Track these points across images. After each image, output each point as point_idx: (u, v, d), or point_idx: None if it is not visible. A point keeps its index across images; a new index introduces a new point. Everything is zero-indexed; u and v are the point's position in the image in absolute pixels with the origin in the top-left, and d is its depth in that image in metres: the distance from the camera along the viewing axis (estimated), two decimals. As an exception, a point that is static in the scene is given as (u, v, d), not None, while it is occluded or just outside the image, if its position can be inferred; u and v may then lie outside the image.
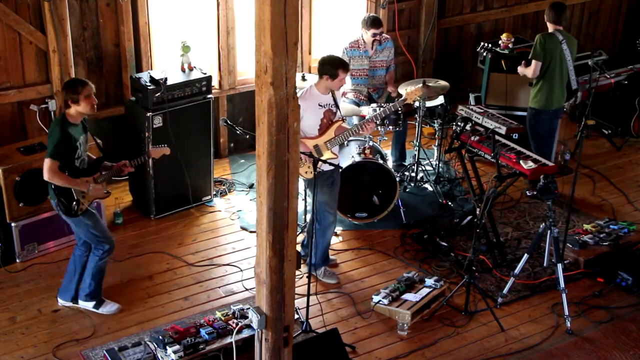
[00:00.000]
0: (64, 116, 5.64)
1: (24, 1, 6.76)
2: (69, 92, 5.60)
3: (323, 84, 6.16)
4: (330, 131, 6.22)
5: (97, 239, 5.84)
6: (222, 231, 7.19)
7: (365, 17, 7.78)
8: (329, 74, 6.10)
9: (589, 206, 7.75)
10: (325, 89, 6.18)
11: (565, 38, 7.42)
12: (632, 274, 6.51)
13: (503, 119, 6.94)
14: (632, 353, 5.87)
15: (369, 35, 7.66)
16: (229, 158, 8.34)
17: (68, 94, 5.60)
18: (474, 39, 9.48)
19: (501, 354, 5.83)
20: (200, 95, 7.13)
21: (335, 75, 6.10)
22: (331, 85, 6.15)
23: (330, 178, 6.31)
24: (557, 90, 7.48)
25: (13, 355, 5.65)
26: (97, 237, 5.84)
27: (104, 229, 5.95)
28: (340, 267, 6.74)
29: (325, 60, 6.20)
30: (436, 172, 7.93)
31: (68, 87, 5.64)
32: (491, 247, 6.78)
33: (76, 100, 5.58)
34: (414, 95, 6.56)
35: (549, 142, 7.73)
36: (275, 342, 4.56)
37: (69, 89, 5.62)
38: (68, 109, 5.63)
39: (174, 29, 7.66)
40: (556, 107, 7.54)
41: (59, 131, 5.57)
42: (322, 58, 6.27)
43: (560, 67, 7.42)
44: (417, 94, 6.57)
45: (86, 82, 5.67)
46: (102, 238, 5.86)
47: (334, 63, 6.13)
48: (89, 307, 6.03)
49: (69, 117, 5.65)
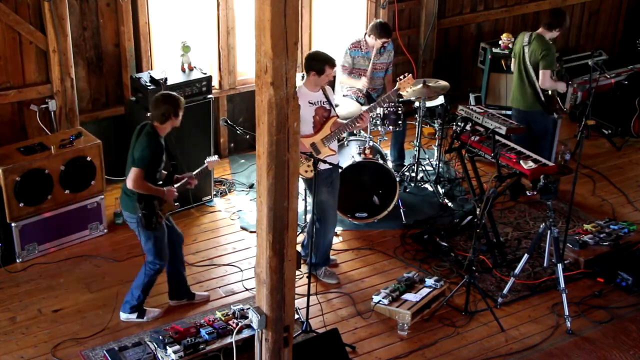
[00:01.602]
0: (155, 128, 5.60)
1: (24, 1, 6.76)
2: (173, 106, 5.58)
3: (311, 81, 6.14)
4: (326, 128, 6.22)
5: (158, 253, 5.78)
6: (222, 231, 7.19)
7: (377, 24, 7.64)
8: (315, 70, 6.08)
9: (589, 206, 7.75)
10: (314, 85, 6.16)
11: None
12: (632, 274, 6.51)
13: (503, 119, 6.94)
14: (632, 353, 5.87)
15: (379, 42, 7.62)
16: (229, 158, 8.34)
17: (172, 109, 5.57)
18: (474, 39, 9.48)
19: (501, 354, 5.83)
20: (201, 95, 7.13)
21: (322, 71, 6.07)
22: (318, 81, 6.13)
23: (329, 177, 6.30)
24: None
25: (13, 355, 5.65)
26: (159, 252, 5.78)
27: (166, 245, 5.87)
28: (341, 267, 6.74)
29: (312, 56, 6.19)
30: (436, 172, 7.93)
31: (173, 103, 5.59)
32: (491, 247, 6.78)
33: (178, 114, 5.61)
34: (406, 84, 6.55)
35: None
36: (275, 342, 4.56)
37: (173, 104, 5.58)
38: (164, 123, 5.60)
39: (174, 29, 7.66)
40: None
41: (155, 142, 5.56)
42: (309, 54, 6.28)
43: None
44: (409, 83, 6.55)
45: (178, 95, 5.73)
46: (163, 254, 5.80)
47: (320, 59, 6.11)
48: (133, 318, 5.96)
49: (160, 130, 5.62)
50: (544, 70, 7.25)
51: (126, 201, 5.72)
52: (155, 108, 5.61)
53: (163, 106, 5.59)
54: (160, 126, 5.63)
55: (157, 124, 5.62)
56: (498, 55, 8.43)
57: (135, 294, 5.91)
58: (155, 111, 5.60)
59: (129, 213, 5.74)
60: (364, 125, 6.51)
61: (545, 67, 7.25)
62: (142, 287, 5.89)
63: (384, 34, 7.60)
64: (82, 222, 6.87)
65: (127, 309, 5.96)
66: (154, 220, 5.66)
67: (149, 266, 5.84)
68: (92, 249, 6.84)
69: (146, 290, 5.93)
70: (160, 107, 5.59)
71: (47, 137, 6.91)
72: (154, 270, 5.85)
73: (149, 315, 5.98)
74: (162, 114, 5.58)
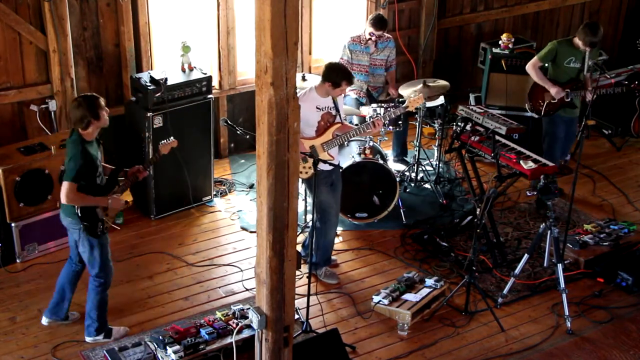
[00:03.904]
0: (80, 136, 5.32)
1: (24, 1, 6.76)
2: (89, 109, 5.27)
3: (324, 89, 6.15)
4: (328, 133, 6.22)
5: (105, 263, 5.59)
6: (222, 231, 7.19)
7: (374, 14, 7.81)
8: (332, 82, 6.08)
9: (589, 206, 7.75)
10: (325, 92, 6.18)
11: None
12: (632, 274, 6.51)
13: (503, 119, 6.93)
14: (632, 353, 5.87)
15: (366, 33, 7.67)
16: (229, 158, 8.34)
17: (89, 112, 5.26)
18: (474, 39, 9.48)
19: (501, 354, 5.83)
20: (201, 96, 7.13)
21: (338, 85, 6.09)
22: (332, 92, 6.15)
23: (328, 178, 6.30)
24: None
25: (13, 355, 5.65)
26: (105, 262, 5.59)
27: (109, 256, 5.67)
28: (341, 267, 6.74)
29: (333, 67, 6.18)
30: (436, 172, 7.93)
31: (87, 105, 5.28)
32: (491, 247, 6.78)
33: (98, 115, 5.33)
34: (415, 103, 6.58)
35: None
36: (276, 342, 4.56)
37: (88, 107, 5.27)
38: (87, 129, 5.30)
39: (174, 29, 7.66)
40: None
41: (80, 155, 5.27)
42: (331, 64, 6.25)
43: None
44: (419, 103, 6.59)
45: (95, 95, 5.46)
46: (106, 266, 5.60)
47: (341, 74, 6.11)
48: (100, 339, 5.76)
49: (86, 135, 5.33)
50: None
51: (67, 207, 5.43)
52: (73, 113, 5.33)
53: (79, 111, 5.28)
54: (84, 132, 5.33)
55: (81, 130, 5.32)
56: (498, 55, 8.43)
57: (93, 316, 5.67)
58: (73, 116, 5.32)
59: (70, 219, 5.46)
60: (375, 132, 6.52)
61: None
62: (97, 307, 5.66)
63: (373, 24, 7.64)
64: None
65: (92, 332, 5.73)
66: (99, 227, 5.46)
67: (97, 281, 5.60)
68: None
69: (103, 308, 5.70)
70: (77, 112, 5.28)
71: (47, 137, 6.91)
72: (102, 286, 5.63)
73: (116, 335, 5.78)
74: (80, 119, 5.28)
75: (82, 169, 5.29)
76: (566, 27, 10.15)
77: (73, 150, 5.34)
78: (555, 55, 7.34)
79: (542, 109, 7.42)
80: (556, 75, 7.40)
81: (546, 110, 7.43)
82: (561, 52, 7.32)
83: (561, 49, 7.33)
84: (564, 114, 7.42)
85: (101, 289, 5.65)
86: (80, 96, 5.50)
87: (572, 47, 7.30)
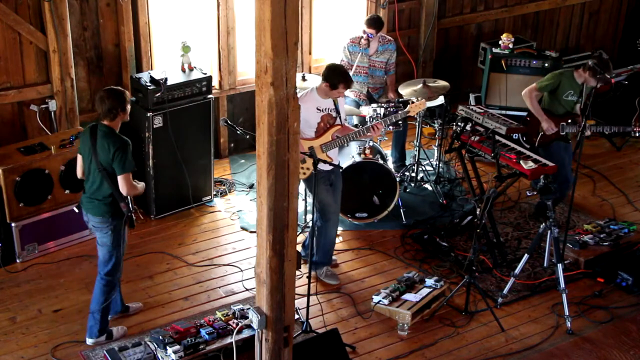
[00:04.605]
0: (110, 127, 5.37)
1: (24, 1, 6.76)
2: (119, 101, 5.33)
3: (323, 90, 6.15)
4: (327, 135, 6.21)
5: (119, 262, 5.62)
6: (222, 231, 7.19)
7: (372, 14, 7.86)
8: (330, 83, 6.07)
9: (589, 206, 7.75)
10: (324, 94, 6.17)
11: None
12: (632, 274, 6.51)
13: (503, 119, 6.94)
14: (632, 353, 5.87)
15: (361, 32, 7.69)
16: (229, 158, 8.34)
17: (118, 104, 5.32)
18: (474, 39, 9.48)
19: (501, 354, 5.83)
20: (201, 96, 7.13)
21: (335, 87, 6.07)
22: (330, 94, 6.14)
23: (327, 179, 6.29)
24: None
25: (13, 355, 5.65)
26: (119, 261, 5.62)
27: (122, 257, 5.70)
28: (341, 267, 6.74)
29: (332, 68, 6.17)
30: (436, 172, 7.93)
31: (117, 97, 5.34)
32: (491, 247, 6.78)
33: (125, 108, 5.39)
34: (417, 108, 6.57)
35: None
36: (276, 342, 4.56)
37: (118, 99, 5.33)
38: (114, 120, 5.36)
39: (174, 29, 7.66)
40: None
41: (124, 143, 5.33)
42: (331, 65, 6.24)
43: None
44: (421, 107, 6.58)
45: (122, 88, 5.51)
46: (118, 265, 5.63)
47: (339, 75, 6.08)
48: (102, 340, 5.75)
49: (115, 127, 5.39)
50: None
51: (97, 207, 5.48)
52: (101, 105, 5.34)
53: (109, 102, 5.32)
54: (111, 123, 5.37)
55: (108, 122, 5.37)
56: (498, 55, 8.44)
57: (97, 317, 5.66)
58: (102, 108, 5.34)
59: (101, 218, 5.49)
60: (375, 135, 6.51)
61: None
62: (102, 308, 5.66)
63: (367, 22, 7.66)
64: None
65: (94, 333, 5.70)
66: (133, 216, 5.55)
67: (105, 279, 5.61)
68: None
69: (107, 310, 5.71)
70: (106, 103, 5.32)
71: (47, 137, 6.91)
72: (109, 286, 5.63)
73: (117, 336, 5.78)
74: (109, 111, 5.33)
75: (131, 157, 5.38)
76: (566, 27, 10.16)
77: (117, 141, 5.35)
78: (557, 86, 7.15)
79: (537, 140, 7.23)
80: (551, 107, 7.23)
81: (540, 142, 7.23)
82: (563, 84, 7.13)
83: (564, 81, 7.14)
84: (560, 141, 7.25)
85: (108, 289, 5.65)
86: (108, 88, 5.51)
87: (573, 80, 7.13)
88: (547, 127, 7.11)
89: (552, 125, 7.11)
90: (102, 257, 5.64)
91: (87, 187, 5.57)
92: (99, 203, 5.48)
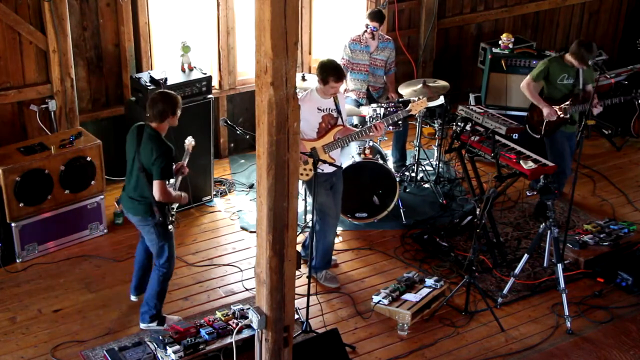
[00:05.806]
0: (156, 130, 5.42)
1: (24, 1, 6.76)
2: (170, 104, 5.40)
3: (320, 88, 6.14)
4: (329, 135, 6.20)
5: (172, 256, 5.70)
6: (222, 231, 7.19)
7: (373, 8, 7.88)
8: (320, 79, 6.04)
9: (589, 206, 7.75)
10: (323, 93, 6.15)
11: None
12: (632, 274, 6.51)
13: (503, 119, 6.93)
14: (632, 353, 5.87)
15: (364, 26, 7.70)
16: (229, 158, 8.34)
17: (170, 107, 5.40)
18: (474, 39, 9.48)
19: (501, 354, 5.83)
20: (200, 96, 7.13)
21: (326, 82, 6.02)
22: (324, 90, 6.10)
23: (328, 181, 6.28)
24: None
25: (13, 355, 5.65)
26: (172, 255, 5.70)
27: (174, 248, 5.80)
28: (341, 267, 6.74)
29: (320, 64, 6.11)
30: (436, 172, 7.93)
31: (169, 101, 5.42)
32: (491, 247, 6.78)
33: (175, 112, 5.44)
34: (419, 107, 6.57)
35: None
36: (275, 342, 4.56)
37: (170, 102, 5.41)
38: (162, 122, 5.43)
39: (174, 29, 7.66)
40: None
41: (167, 150, 5.39)
42: (321, 61, 6.17)
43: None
44: (422, 106, 6.59)
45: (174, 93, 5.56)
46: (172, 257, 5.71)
47: (328, 70, 6.01)
48: (153, 326, 5.83)
49: (162, 130, 5.45)
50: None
51: (135, 207, 5.57)
52: (152, 107, 5.43)
53: (161, 104, 5.40)
54: (159, 125, 5.48)
55: (156, 125, 5.47)
56: (498, 55, 8.43)
57: (151, 304, 5.79)
58: (153, 110, 5.42)
59: (140, 217, 5.58)
60: (377, 135, 6.49)
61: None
62: (156, 296, 5.78)
63: (369, 15, 7.68)
64: (82, 222, 6.88)
65: (146, 319, 5.84)
66: (171, 223, 5.61)
67: (161, 270, 5.72)
68: (92, 249, 6.85)
69: (161, 297, 5.83)
70: (158, 105, 5.40)
71: (47, 137, 6.91)
72: (164, 275, 5.74)
73: (169, 323, 5.83)
74: (160, 113, 5.40)
75: (170, 164, 5.43)
76: (566, 27, 10.16)
77: (161, 147, 5.40)
78: (548, 73, 7.24)
79: (542, 129, 7.32)
80: (551, 93, 7.31)
81: (546, 130, 7.31)
82: (553, 70, 7.23)
83: (553, 67, 7.23)
84: (565, 130, 7.31)
85: (163, 279, 5.75)
86: (161, 91, 5.61)
87: (563, 64, 7.22)
88: (548, 113, 7.22)
89: (552, 111, 7.21)
90: (154, 251, 5.73)
91: (126, 185, 5.65)
92: (137, 203, 5.56)
